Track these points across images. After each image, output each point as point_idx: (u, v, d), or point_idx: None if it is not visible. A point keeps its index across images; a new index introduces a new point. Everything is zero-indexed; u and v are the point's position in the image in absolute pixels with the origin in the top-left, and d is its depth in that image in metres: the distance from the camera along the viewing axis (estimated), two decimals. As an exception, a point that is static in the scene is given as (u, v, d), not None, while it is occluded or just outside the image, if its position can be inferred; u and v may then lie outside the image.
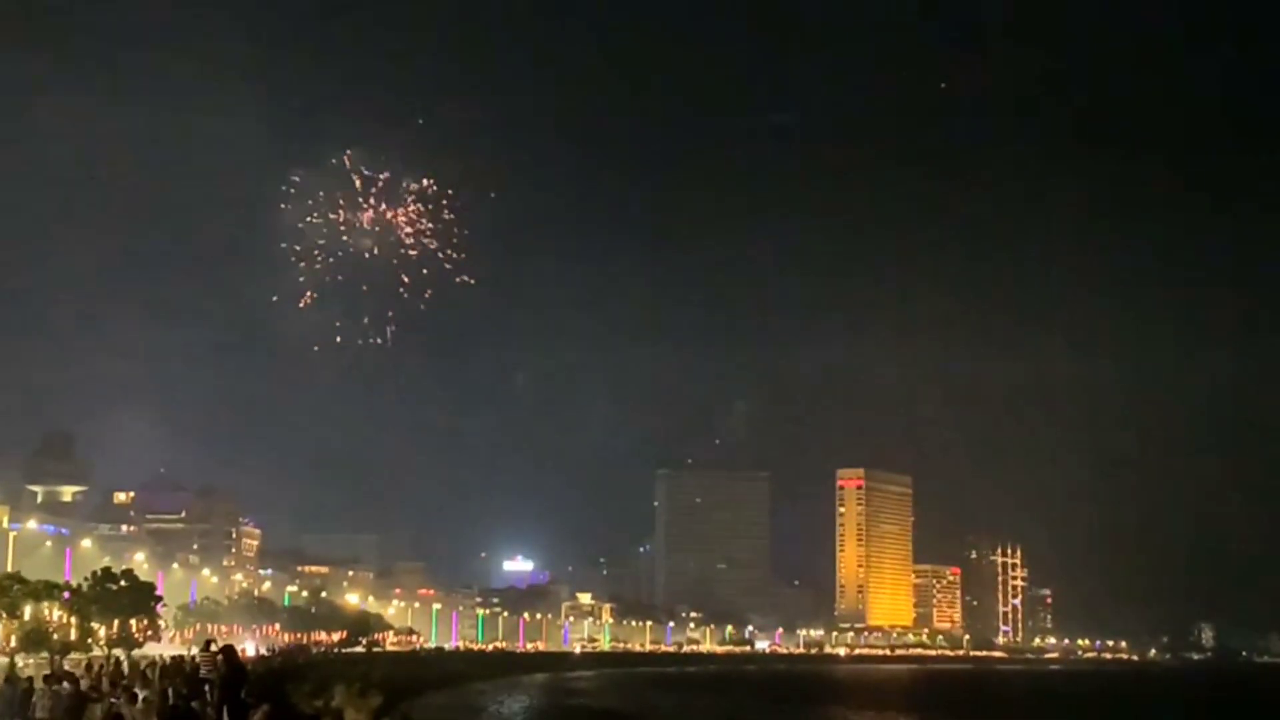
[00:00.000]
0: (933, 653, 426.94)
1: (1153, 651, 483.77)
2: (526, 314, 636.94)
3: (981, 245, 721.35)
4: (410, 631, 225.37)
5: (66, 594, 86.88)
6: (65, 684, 33.15)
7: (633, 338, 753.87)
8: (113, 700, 30.38)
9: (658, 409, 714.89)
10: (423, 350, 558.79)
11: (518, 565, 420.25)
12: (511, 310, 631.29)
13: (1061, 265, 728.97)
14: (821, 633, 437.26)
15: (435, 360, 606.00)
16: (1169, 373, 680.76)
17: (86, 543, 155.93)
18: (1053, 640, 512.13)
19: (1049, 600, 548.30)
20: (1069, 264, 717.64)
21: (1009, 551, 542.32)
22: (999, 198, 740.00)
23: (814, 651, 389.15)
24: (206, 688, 34.70)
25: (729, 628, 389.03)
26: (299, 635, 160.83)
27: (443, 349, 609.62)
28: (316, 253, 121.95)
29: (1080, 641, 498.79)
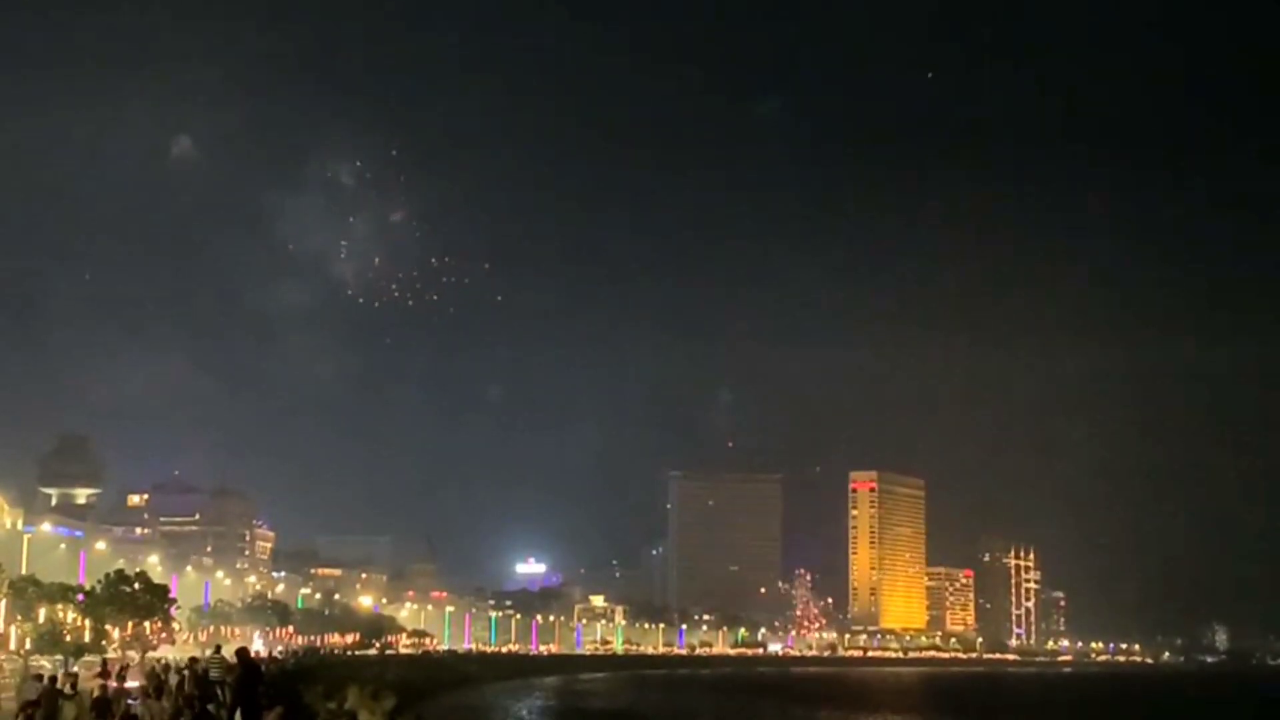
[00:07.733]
0: (945, 655, 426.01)
1: (1166, 654, 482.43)
2: (539, 317, 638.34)
3: (998, 247, 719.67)
4: (423, 634, 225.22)
5: (80, 596, 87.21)
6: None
7: (646, 341, 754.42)
8: (129, 701, 30.48)
9: (671, 412, 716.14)
10: (434, 353, 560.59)
11: (530, 567, 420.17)
12: (523, 313, 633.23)
13: (1079, 267, 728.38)
14: (834, 635, 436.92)
15: (447, 363, 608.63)
16: (1184, 375, 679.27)
17: (100, 545, 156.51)
18: (1065, 643, 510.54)
19: (1062, 603, 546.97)
20: (1086, 265, 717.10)
21: (1022, 554, 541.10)
22: (1017, 198, 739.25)
23: (827, 654, 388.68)
24: (219, 689, 34.82)
25: (742, 630, 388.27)
26: (312, 638, 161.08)
27: (455, 352, 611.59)
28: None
29: (1093, 644, 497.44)
